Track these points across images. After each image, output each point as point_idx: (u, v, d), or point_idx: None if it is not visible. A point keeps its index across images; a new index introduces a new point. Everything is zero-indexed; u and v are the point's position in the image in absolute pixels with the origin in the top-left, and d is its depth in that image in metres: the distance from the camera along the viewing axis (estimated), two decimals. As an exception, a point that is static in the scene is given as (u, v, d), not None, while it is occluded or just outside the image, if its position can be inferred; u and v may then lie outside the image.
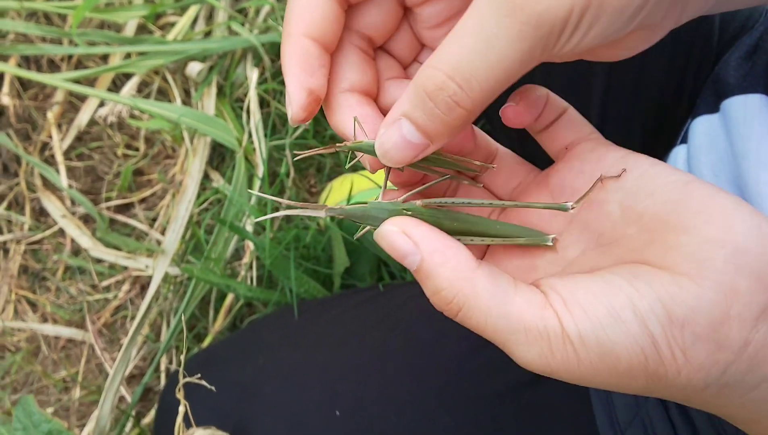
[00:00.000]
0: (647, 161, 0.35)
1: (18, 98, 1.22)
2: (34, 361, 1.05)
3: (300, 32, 0.35)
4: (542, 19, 0.29)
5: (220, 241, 0.96)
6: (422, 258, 0.32)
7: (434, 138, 0.33)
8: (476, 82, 0.30)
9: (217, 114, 1.15)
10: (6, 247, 1.13)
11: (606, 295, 0.31)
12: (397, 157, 0.34)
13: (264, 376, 0.69)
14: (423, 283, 0.33)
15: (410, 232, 0.33)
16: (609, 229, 0.35)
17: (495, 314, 0.31)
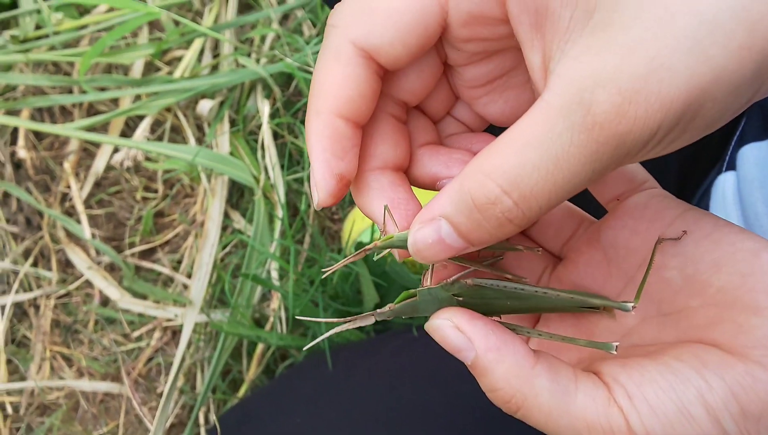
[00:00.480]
0: (709, 222, 0.32)
1: (34, 150, 1.22)
2: (74, 416, 1.05)
3: (331, 110, 0.31)
4: (623, 140, 0.25)
5: (245, 288, 0.95)
6: (476, 355, 0.30)
7: (476, 244, 0.30)
8: (536, 202, 0.26)
9: (232, 150, 1.13)
10: (36, 304, 1.13)
11: (674, 390, 0.28)
12: (431, 257, 0.31)
13: (303, 434, 0.67)
14: (479, 380, 0.31)
15: (463, 328, 0.31)
16: (669, 297, 0.32)
17: (556, 414, 0.30)
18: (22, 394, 1.06)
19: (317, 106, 0.31)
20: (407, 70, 0.34)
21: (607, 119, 0.24)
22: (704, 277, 0.31)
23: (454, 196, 0.28)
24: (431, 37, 0.31)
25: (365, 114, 0.32)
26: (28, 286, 1.14)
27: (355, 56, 0.31)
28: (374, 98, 0.32)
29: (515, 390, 0.30)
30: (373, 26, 0.30)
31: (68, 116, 1.25)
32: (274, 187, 1.04)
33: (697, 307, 0.31)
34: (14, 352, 1.09)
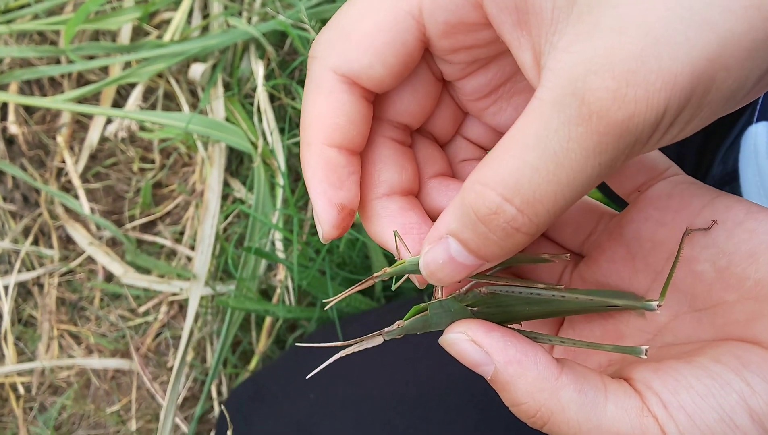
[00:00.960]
0: (742, 209, 0.29)
1: (25, 125, 1.18)
2: (86, 394, 1.04)
3: (321, 141, 0.30)
4: (626, 128, 0.22)
5: (250, 260, 0.92)
6: (496, 369, 0.28)
7: (490, 259, 0.27)
8: (542, 206, 0.24)
9: (228, 114, 1.09)
10: (40, 283, 1.11)
11: (714, 396, 0.26)
12: (445, 277, 0.29)
13: (318, 412, 0.65)
14: (501, 395, 0.29)
15: (480, 341, 0.29)
16: (703, 292, 0.30)
17: (586, 429, 0.27)
18: (32, 374, 1.05)
19: (307, 139, 0.30)
20: (400, 92, 0.32)
21: (604, 107, 0.22)
22: (739, 270, 0.28)
23: (457, 212, 0.27)
24: (412, 54, 0.30)
25: (357, 140, 0.31)
26: (30, 265, 1.12)
27: (337, 83, 0.30)
28: (365, 123, 0.31)
29: (540, 405, 0.28)
30: (349, 51, 0.29)
31: (58, 88, 1.21)
32: (273, 152, 1.00)
33: (734, 301, 0.29)
34: (21, 332, 1.07)
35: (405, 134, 0.34)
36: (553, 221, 0.25)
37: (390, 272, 0.31)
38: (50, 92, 1.20)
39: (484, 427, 0.57)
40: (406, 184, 0.33)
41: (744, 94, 0.24)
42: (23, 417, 1.01)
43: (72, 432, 1.02)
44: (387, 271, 0.31)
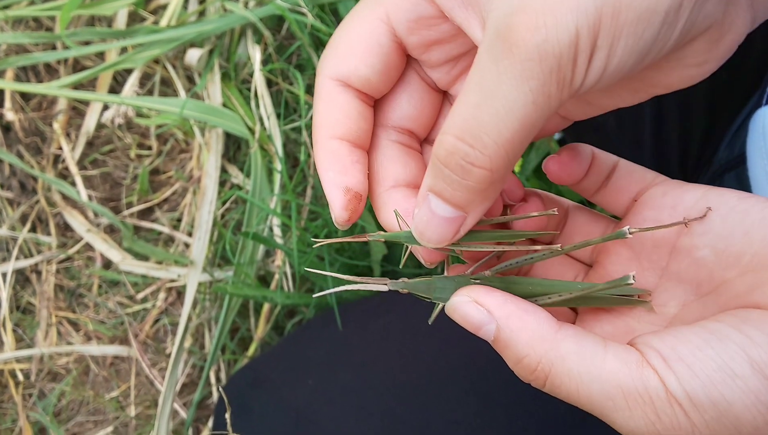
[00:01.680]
0: (733, 196, 0.31)
1: (22, 112, 1.17)
2: (85, 380, 1.04)
3: (325, 135, 0.34)
4: (543, 51, 0.25)
5: (248, 244, 0.92)
6: (498, 326, 0.30)
7: (465, 207, 0.29)
8: (487, 138, 0.27)
9: (225, 100, 1.08)
10: (38, 270, 1.11)
11: (713, 348, 0.27)
12: (434, 236, 0.31)
13: (318, 399, 0.65)
14: (503, 354, 0.30)
15: (482, 301, 0.31)
16: (706, 277, 0.31)
17: (587, 379, 0.28)
18: (31, 361, 1.05)
19: (315, 138, 0.34)
20: (397, 98, 0.36)
21: (522, 37, 0.25)
22: (737, 248, 0.30)
23: (430, 168, 0.30)
24: (390, 54, 0.34)
25: (358, 134, 0.34)
26: (28, 252, 1.11)
27: (333, 87, 0.34)
28: (362, 119, 0.35)
29: (540, 356, 0.29)
30: (338, 59, 0.34)
31: (54, 74, 1.20)
32: (270, 138, 0.99)
33: (735, 277, 0.30)
34: (20, 320, 1.07)
35: (411, 140, 0.37)
36: (508, 157, 0.27)
37: (385, 236, 0.34)
38: (46, 79, 1.19)
39: (484, 414, 0.57)
40: (411, 178, 0.36)
41: (660, 20, 0.25)
42: (22, 403, 1.01)
43: (71, 418, 1.02)
44: (381, 233, 0.34)
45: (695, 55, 0.28)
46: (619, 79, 0.27)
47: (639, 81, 0.31)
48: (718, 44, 0.28)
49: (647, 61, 0.27)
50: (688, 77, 0.30)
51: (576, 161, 0.35)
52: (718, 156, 0.59)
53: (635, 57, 0.26)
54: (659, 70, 0.30)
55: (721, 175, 0.56)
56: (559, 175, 0.35)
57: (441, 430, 0.58)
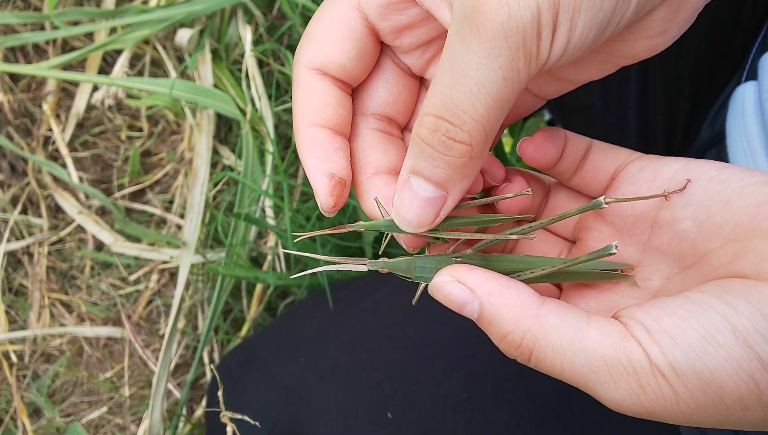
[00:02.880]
0: (712, 166, 0.31)
1: (11, 93, 1.16)
2: (79, 361, 1.05)
3: (306, 123, 0.34)
4: (508, 27, 0.26)
5: (240, 226, 0.92)
6: (481, 303, 0.30)
7: (446, 185, 0.30)
8: (464, 114, 0.28)
9: (215, 81, 1.08)
10: (29, 252, 1.11)
11: (695, 318, 0.27)
12: (416, 219, 0.31)
13: (309, 377, 0.66)
14: (488, 331, 0.31)
15: (464, 279, 0.30)
16: (689, 249, 0.31)
17: (570, 352, 0.28)
18: (24, 342, 1.05)
19: (296, 126, 0.35)
20: (374, 85, 0.37)
21: (488, 17, 0.26)
22: (718, 218, 0.30)
23: (410, 149, 0.30)
24: (363, 39, 0.35)
25: (338, 120, 0.35)
26: (19, 234, 1.11)
27: (310, 76, 0.35)
28: (342, 107, 0.35)
29: (524, 331, 0.29)
30: (313, 48, 0.35)
31: (43, 55, 1.19)
32: (262, 118, 0.99)
33: (717, 248, 0.30)
34: (12, 301, 1.07)
35: (391, 127, 0.38)
36: (485, 133, 0.28)
37: (365, 225, 0.33)
38: (35, 59, 1.18)
39: (471, 389, 0.58)
40: (391, 165, 0.36)
41: None
42: (16, 385, 1.02)
43: (65, 399, 1.03)
44: (361, 223, 0.34)
45: (656, 25, 0.29)
46: (583, 51, 0.28)
47: (605, 53, 0.31)
48: (678, 13, 0.29)
49: (609, 32, 0.28)
50: (651, 46, 0.30)
51: (549, 142, 0.36)
52: (700, 134, 0.60)
53: (596, 29, 0.27)
54: (623, 42, 0.30)
55: (702, 154, 0.57)
56: (534, 156, 0.36)
57: (429, 404, 0.58)
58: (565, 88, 0.36)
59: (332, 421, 0.61)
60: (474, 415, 0.57)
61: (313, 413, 0.63)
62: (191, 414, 0.96)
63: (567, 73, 0.34)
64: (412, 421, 0.58)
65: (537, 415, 0.56)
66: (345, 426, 0.61)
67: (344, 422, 0.61)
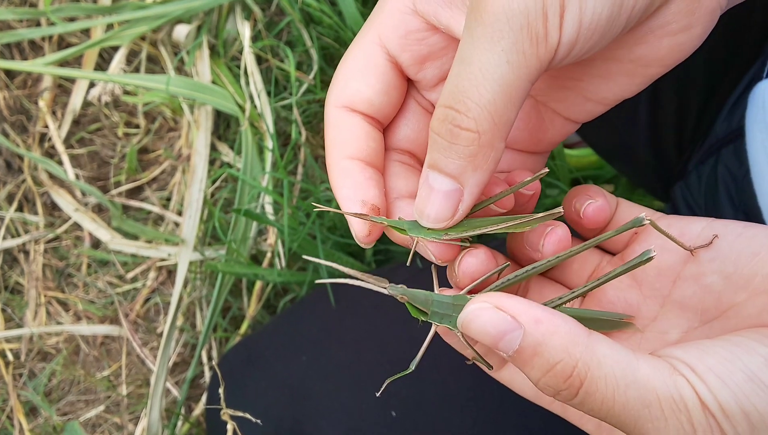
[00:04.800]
0: (739, 224, 0.31)
1: (6, 89, 1.15)
2: (76, 360, 1.04)
3: (337, 157, 0.35)
4: (510, 10, 0.26)
5: (240, 223, 0.91)
6: (525, 331, 0.27)
7: (460, 177, 0.30)
8: (470, 101, 0.28)
9: (214, 78, 1.07)
10: (26, 249, 1.10)
11: (739, 359, 0.26)
12: (434, 213, 0.31)
13: (312, 376, 0.65)
14: (529, 365, 0.28)
15: (505, 305, 0.28)
16: (713, 302, 0.31)
17: (624, 384, 0.26)
18: (20, 340, 1.04)
19: (329, 163, 0.36)
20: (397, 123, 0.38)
21: (490, 3, 0.27)
22: (746, 271, 0.30)
23: (428, 146, 0.31)
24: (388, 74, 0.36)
25: (367, 152, 0.35)
26: (15, 232, 1.10)
27: (340, 113, 0.35)
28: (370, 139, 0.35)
29: (576, 359, 0.27)
30: (340, 87, 0.36)
31: (39, 51, 1.18)
32: (261, 115, 0.98)
33: (745, 299, 0.30)
34: (8, 300, 1.06)
35: (412, 160, 0.39)
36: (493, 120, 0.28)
37: (386, 220, 0.33)
38: (31, 56, 1.17)
39: (478, 388, 0.58)
40: (414, 191, 0.36)
41: None
42: (13, 383, 1.01)
43: (62, 397, 1.02)
44: (383, 217, 0.34)
45: (677, 19, 0.29)
46: (600, 36, 0.27)
47: (630, 62, 0.31)
48: (698, 4, 0.28)
49: (624, 15, 0.27)
50: (678, 46, 0.30)
51: (608, 207, 0.35)
52: (714, 130, 0.59)
53: (609, 7, 0.27)
54: (646, 44, 0.30)
55: (718, 149, 0.56)
56: (593, 220, 0.35)
57: (434, 404, 0.58)
58: (596, 109, 0.35)
59: (336, 421, 0.61)
60: (480, 415, 0.56)
61: (316, 413, 0.63)
62: (189, 413, 0.96)
63: (596, 89, 0.33)
64: (417, 420, 0.58)
65: (544, 416, 0.56)
66: (349, 425, 0.60)
67: (348, 421, 0.61)
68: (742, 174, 0.51)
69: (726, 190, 0.54)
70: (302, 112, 1.05)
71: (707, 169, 0.58)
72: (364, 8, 0.96)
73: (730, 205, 0.53)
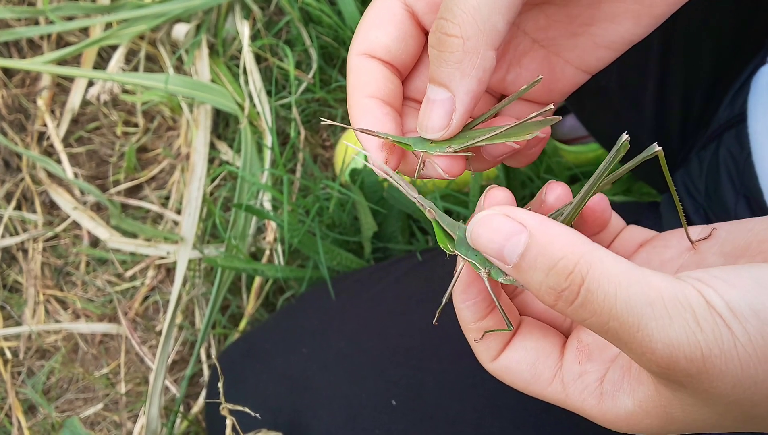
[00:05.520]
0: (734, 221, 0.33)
1: (5, 88, 1.15)
2: (74, 358, 1.04)
3: (357, 97, 0.36)
4: None
5: (239, 220, 0.91)
6: (531, 233, 0.28)
7: (449, 84, 0.33)
8: (456, 8, 0.31)
9: (213, 76, 1.07)
10: (24, 248, 1.10)
11: (746, 270, 0.26)
12: (430, 124, 0.34)
13: (312, 367, 0.66)
14: (532, 267, 0.28)
15: (512, 213, 0.29)
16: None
17: (626, 282, 0.26)
18: (19, 338, 1.04)
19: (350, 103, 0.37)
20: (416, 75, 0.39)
21: None
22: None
23: None
24: (405, 22, 0.37)
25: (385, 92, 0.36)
26: (14, 230, 1.10)
27: (360, 59, 0.37)
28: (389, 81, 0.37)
29: (579, 256, 0.26)
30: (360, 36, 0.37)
31: (37, 50, 1.18)
32: (260, 114, 0.99)
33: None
34: (7, 298, 1.06)
35: None
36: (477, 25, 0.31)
37: (392, 136, 0.35)
38: (29, 54, 1.17)
39: (477, 375, 0.58)
40: None
41: None
42: (11, 381, 1.01)
43: (61, 395, 1.02)
44: (388, 133, 0.35)
45: None
46: None
47: (634, 2, 0.33)
48: None
49: None
50: None
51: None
52: (717, 116, 0.60)
53: None
54: None
55: (720, 135, 0.57)
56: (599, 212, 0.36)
57: (434, 391, 0.58)
58: (606, 56, 0.36)
59: (336, 410, 0.61)
60: (480, 401, 0.57)
61: (316, 402, 0.63)
62: (188, 411, 0.96)
63: (604, 33, 0.35)
64: (417, 408, 0.58)
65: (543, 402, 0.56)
66: (349, 414, 0.61)
67: (348, 410, 0.61)
68: (744, 157, 0.51)
69: (727, 173, 0.54)
70: (301, 111, 1.05)
71: (708, 155, 0.58)
72: (363, 7, 0.97)
73: (731, 188, 0.54)
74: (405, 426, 0.58)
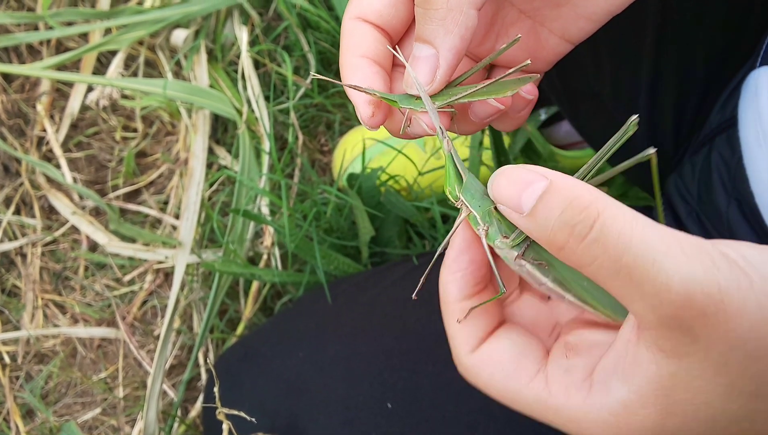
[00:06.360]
0: None
1: (4, 93, 1.16)
2: (73, 362, 1.04)
3: (348, 57, 0.38)
4: None
5: (237, 225, 0.92)
6: (551, 180, 0.28)
7: (433, 40, 0.35)
8: None
9: (211, 82, 1.08)
10: (23, 252, 1.10)
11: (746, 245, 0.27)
12: (422, 72, 0.35)
13: (308, 370, 0.66)
14: (547, 208, 0.28)
15: (534, 168, 0.29)
16: None
17: (641, 224, 0.26)
18: (17, 343, 1.04)
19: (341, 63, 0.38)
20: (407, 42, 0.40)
21: None
22: None
23: None
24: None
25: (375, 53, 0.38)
26: (12, 235, 1.10)
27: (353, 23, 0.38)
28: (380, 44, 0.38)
29: (596, 196, 0.27)
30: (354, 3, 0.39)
31: (36, 55, 1.19)
32: (258, 119, 0.99)
33: None
34: (5, 302, 1.07)
35: None
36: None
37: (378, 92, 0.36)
38: (29, 60, 1.18)
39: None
40: None
41: None
42: (9, 385, 1.01)
43: (59, 400, 1.02)
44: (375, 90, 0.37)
45: None
46: None
47: None
48: None
49: None
50: None
51: None
52: (709, 121, 0.60)
53: None
54: None
55: (712, 139, 0.57)
56: None
57: (430, 394, 0.59)
58: (588, 27, 0.38)
59: (332, 413, 0.61)
60: (476, 404, 0.57)
61: (312, 405, 0.63)
62: (186, 415, 0.96)
63: (585, 4, 0.37)
64: (413, 410, 0.59)
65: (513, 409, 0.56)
66: (345, 417, 0.61)
67: (344, 413, 0.61)
68: (735, 161, 0.52)
69: (719, 176, 0.55)
70: (299, 116, 1.05)
71: (701, 159, 0.58)
72: (360, 13, 0.97)
73: (723, 192, 0.54)
74: (401, 429, 0.59)
